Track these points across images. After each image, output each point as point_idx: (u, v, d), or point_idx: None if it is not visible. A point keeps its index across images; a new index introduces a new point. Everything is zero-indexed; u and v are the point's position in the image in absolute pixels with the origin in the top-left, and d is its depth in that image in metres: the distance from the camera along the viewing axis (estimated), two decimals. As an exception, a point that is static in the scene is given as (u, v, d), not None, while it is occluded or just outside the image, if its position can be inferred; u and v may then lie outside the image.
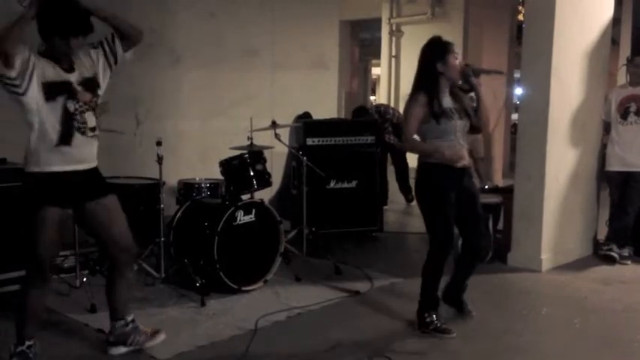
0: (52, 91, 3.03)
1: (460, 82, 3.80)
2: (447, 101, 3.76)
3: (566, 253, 5.46)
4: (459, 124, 3.75)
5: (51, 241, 3.12)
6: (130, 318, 3.50)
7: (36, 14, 2.93)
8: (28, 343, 3.22)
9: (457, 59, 3.71)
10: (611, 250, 5.54)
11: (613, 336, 3.94)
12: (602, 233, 5.80)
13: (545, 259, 5.20)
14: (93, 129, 3.18)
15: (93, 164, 3.27)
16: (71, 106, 3.08)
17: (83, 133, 3.13)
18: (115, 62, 3.29)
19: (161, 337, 3.52)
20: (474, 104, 3.88)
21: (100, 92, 3.25)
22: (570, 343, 3.84)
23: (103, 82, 3.27)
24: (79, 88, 3.12)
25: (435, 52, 3.73)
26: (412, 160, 8.01)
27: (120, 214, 3.37)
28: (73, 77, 3.11)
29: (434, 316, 3.84)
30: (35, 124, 3.05)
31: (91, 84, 3.18)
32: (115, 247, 3.36)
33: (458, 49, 3.76)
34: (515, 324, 3.99)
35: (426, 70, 3.74)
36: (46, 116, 3.03)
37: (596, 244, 5.81)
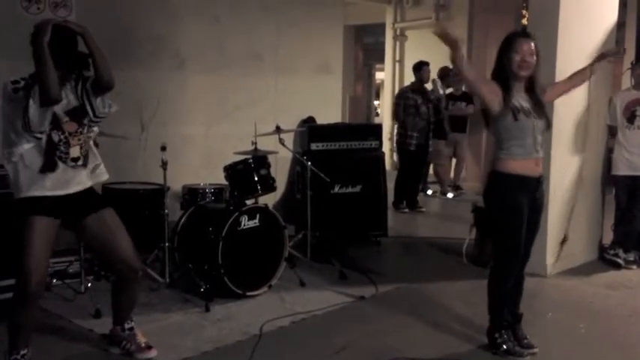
0: None
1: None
2: (522, 99, 3.50)
3: (572, 258, 5.44)
4: (538, 124, 3.49)
5: (39, 254, 3.09)
6: (128, 325, 3.54)
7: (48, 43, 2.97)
8: (22, 352, 3.21)
9: (518, 54, 3.41)
10: (616, 255, 5.52)
11: (619, 341, 3.93)
12: (608, 238, 5.78)
13: (550, 263, 5.18)
14: (75, 159, 3.18)
15: (81, 187, 3.25)
16: (55, 136, 3.11)
17: (64, 162, 3.15)
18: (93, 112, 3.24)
19: (152, 353, 3.50)
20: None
21: (88, 122, 3.23)
22: (576, 348, 3.83)
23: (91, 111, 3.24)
24: (65, 119, 3.14)
25: (502, 46, 3.51)
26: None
27: (120, 228, 3.37)
28: (60, 107, 3.11)
29: (505, 336, 3.62)
30: (19, 153, 3.07)
31: (77, 113, 3.18)
32: (119, 264, 3.39)
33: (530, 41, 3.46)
34: (520, 329, 3.97)
35: (496, 66, 3.54)
36: (32, 145, 3.07)
37: (602, 249, 5.78)
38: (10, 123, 3.05)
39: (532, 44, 3.47)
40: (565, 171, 5.27)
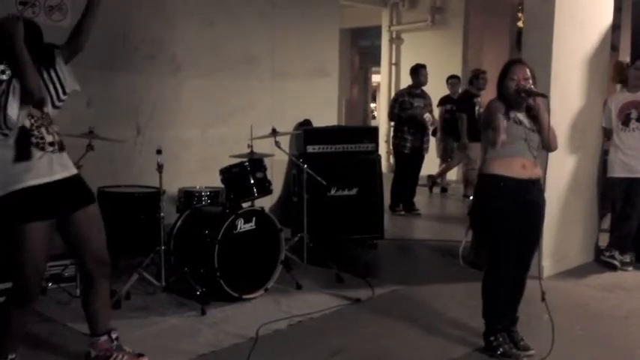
0: None
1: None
2: (521, 115, 3.56)
3: (568, 260, 5.45)
4: (532, 136, 3.55)
5: (37, 259, 3.06)
6: (114, 335, 3.38)
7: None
8: (10, 356, 3.17)
9: (513, 80, 3.50)
10: (612, 257, 5.53)
11: (615, 343, 3.93)
12: (604, 240, 5.79)
13: (546, 265, 5.18)
14: (52, 144, 3.10)
15: (66, 174, 3.16)
16: (27, 122, 3.03)
17: (42, 149, 3.06)
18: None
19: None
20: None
21: (48, 109, 3.16)
22: (572, 350, 3.83)
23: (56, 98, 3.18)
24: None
25: (500, 74, 3.61)
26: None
27: (100, 227, 3.28)
28: None
29: (501, 339, 3.63)
30: None
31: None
32: (91, 261, 3.26)
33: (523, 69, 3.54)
34: (516, 331, 3.97)
35: (498, 91, 3.62)
36: (2, 138, 2.99)
37: (598, 251, 5.79)
38: None
39: (527, 70, 3.54)
40: (561, 173, 5.28)
